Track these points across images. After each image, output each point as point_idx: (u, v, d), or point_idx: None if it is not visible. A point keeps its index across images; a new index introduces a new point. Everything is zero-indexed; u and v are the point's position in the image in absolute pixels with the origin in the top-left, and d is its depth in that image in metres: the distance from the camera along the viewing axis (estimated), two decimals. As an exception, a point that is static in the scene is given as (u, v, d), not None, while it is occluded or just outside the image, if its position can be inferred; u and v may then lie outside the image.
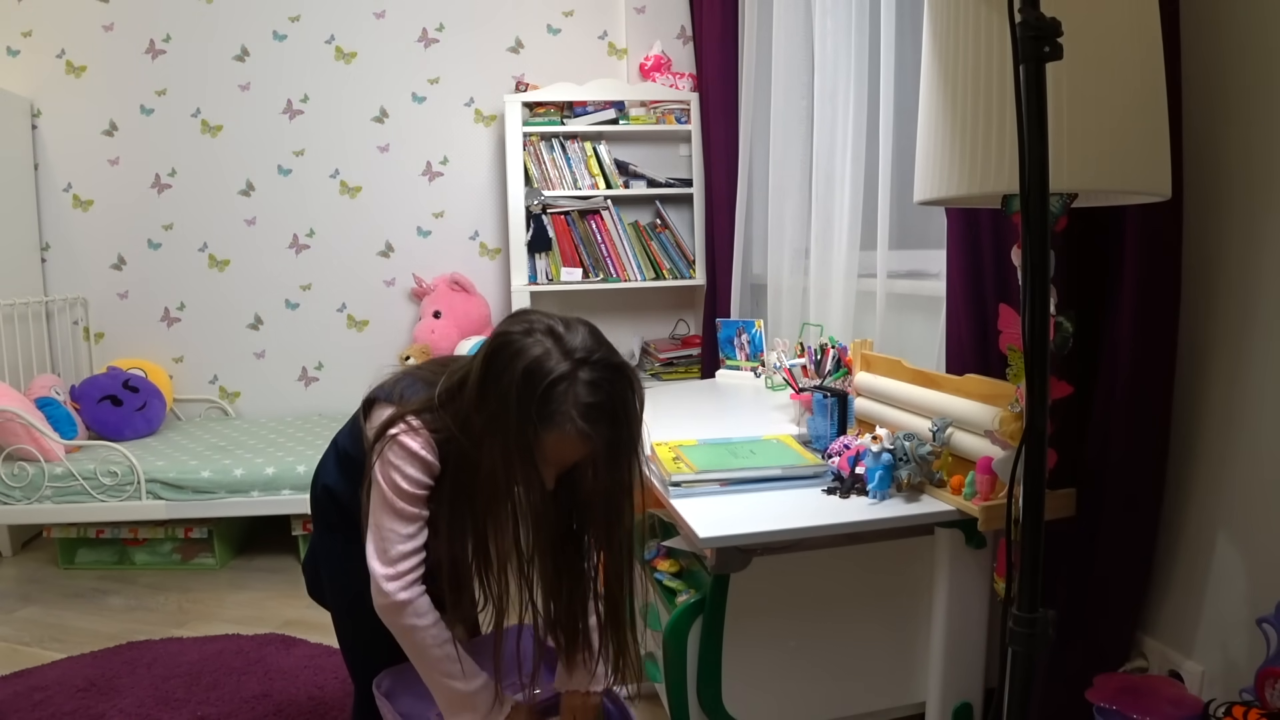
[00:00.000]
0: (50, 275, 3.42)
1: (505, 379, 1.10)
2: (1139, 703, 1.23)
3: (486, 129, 3.57)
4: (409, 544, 1.20)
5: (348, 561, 1.32)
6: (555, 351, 1.11)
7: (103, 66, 3.37)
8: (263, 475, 2.75)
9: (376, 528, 1.20)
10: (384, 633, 1.27)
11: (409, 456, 1.18)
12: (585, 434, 1.11)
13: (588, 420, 1.10)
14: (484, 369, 1.14)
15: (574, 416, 1.09)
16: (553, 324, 1.14)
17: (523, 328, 1.14)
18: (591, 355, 1.12)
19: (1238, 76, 1.32)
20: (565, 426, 1.10)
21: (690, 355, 3.43)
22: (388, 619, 1.22)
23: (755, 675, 1.50)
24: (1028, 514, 0.95)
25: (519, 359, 1.10)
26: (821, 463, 1.62)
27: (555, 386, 1.09)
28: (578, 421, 1.09)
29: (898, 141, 2.12)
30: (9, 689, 2.04)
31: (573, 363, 1.10)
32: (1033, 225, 0.91)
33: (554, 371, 1.09)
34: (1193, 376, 1.41)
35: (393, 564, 1.19)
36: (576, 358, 1.11)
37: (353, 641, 1.47)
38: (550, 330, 1.13)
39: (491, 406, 1.11)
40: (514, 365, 1.10)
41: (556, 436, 1.11)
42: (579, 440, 1.12)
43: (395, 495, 1.19)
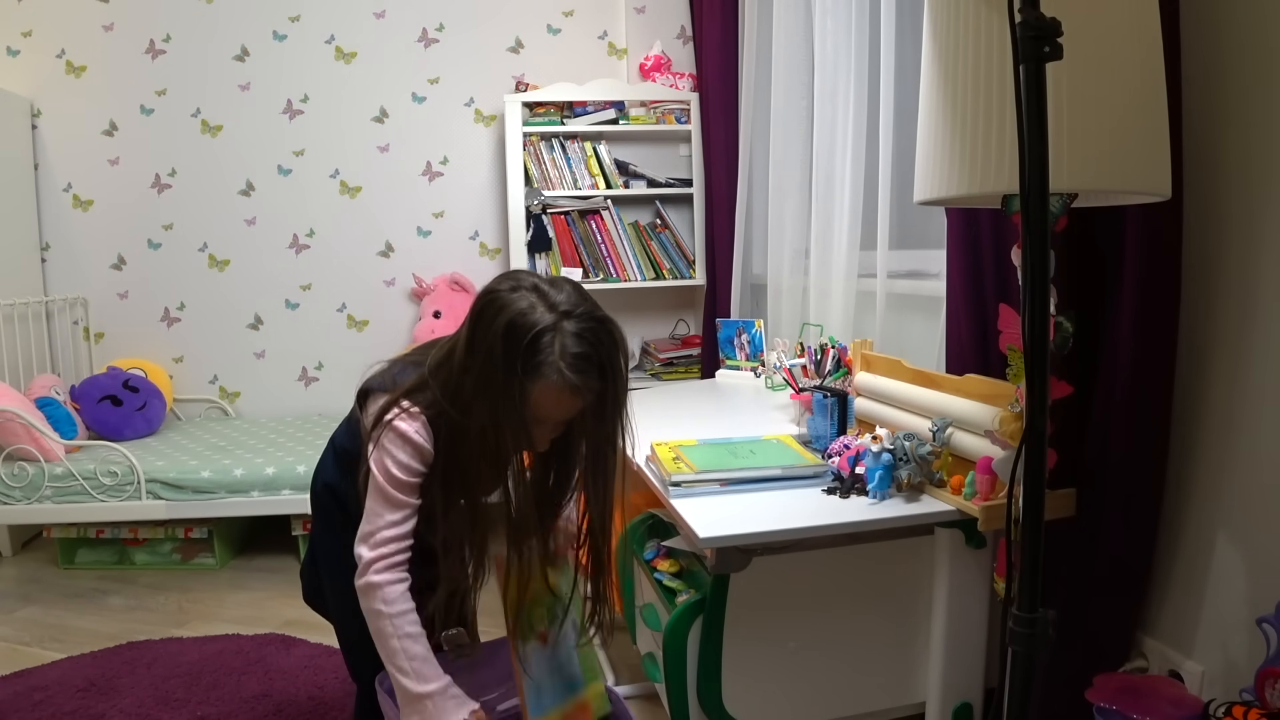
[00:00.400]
0: (50, 275, 3.43)
1: (491, 334, 1.11)
2: (1139, 703, 1.23)
3: (486, 129, 3.57)
4: (395, 530, 1.21)
5: (347, 561, 1.32)
6: (540, 305, 1.12)
7: (103, 66, 3.37)
8: (263, 475, 2.75)
9: (368, 513, 1.22)
10: None
11: (403, 442, 1.19)
12: (574, 385, 1.11)
13: (575, 371, 1.11)
14: (471, 328, 1.15)
15: (561, 367, 1.10)
16: (537, 281, 1.16)
17: (509, 285, 1.16)
18: (576, 309, 1.13)
19: (1238, 76, 1.32)
20: (552, 377, 1.11)
21: (690, 355, 3.43)
22: (361, 600, 1.22)
23: (755, 675, 1.50)
24: (1028, 514, 0.95)
25: (504, 313, 1.11)
26: (821, 463, 1.62)
27: (541, 338, 1.10)
28: (565, 372, 1.10)
29: (898, 141, 2.12)
30: (9, 689, 2.04)
31: (558, 315, 1.12)
32: (1033, 225, 0.91)
33: (539, 323, 1.10)
34: (1193, 376, 1.41)
35: (375, 547, 1.21)
36: (561, 310, 1.12)
37: (355, 644, 1.47)
38: (535, 287, 1.15)
39: (479, 363, 1.13)
40: (499, 319, 1.11)
41: (543, 387, 1.12)
42: (568, 392, 1.12)
43: (387, 482, 1.20)
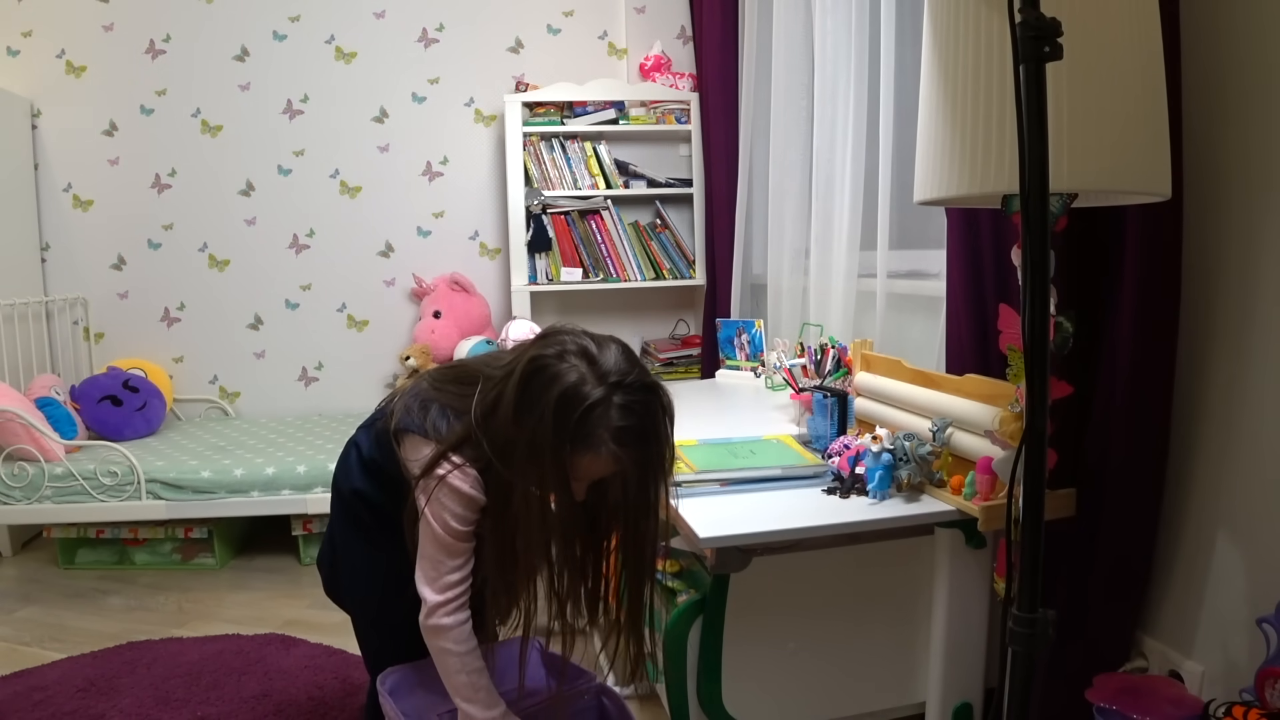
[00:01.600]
0: (50, 275, 3.42)
1: (542, 404, 1.12)
2: (1139, 703, 1.23)
3: (486, 129, 3.57)
4: (458, 574, 1.25)
5: (373, 567, 1.36)
6: (590, 376, 1.13)
7: (103, 66, 3.37)
8: (263, 475, 2.75)
9: (427, 559, 1.25)
10: (403, 638, 1.31)
11: (459, 497, 1.22)
12: (616, 455, 1.14)
13: (619, 443, 1.13)
14: (519, 394, 1.15)
15: (607, 440, 1.12)
16: (586, 344, 1.16)
17: (556, 350, 1.16)
18: (625, 378, 1.14)
19: (1237, 77, 1.32)
20: (600, 449, 1.13)
21: (690, 355, 3.43)
22: (428, 639, 1.27)
23: (755, 675, 1.50)
24: (1028, 514, 0.95)
25: (555, 384, 1.12)
26: (821, 463, 1.62)
27: (592, 411, 1.11)
28: (610, 444, 1.13)
29: (898, 141, 2.12)
30: (9, 689, 2.04)
31: (607, 387, 1.13)
32: (1033, 225, 0.91)
33: (590, 397, 1.12)
34: (1193, 376, 1.41)
35: (443, 591, 1.24)
36: (611, 381, 1.13)
37: (369, 642, 1.49)
38: (584, 352, 1.15)
39: (529, 431, 1.14)
40: (551, 391, 1.12)
41: (590, 458, 1.15)
42: (610, 460, 1.15)
43: (447, 534, 1.23)
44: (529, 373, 1.15)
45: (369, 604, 1.44)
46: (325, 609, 2.57)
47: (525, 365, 1.16)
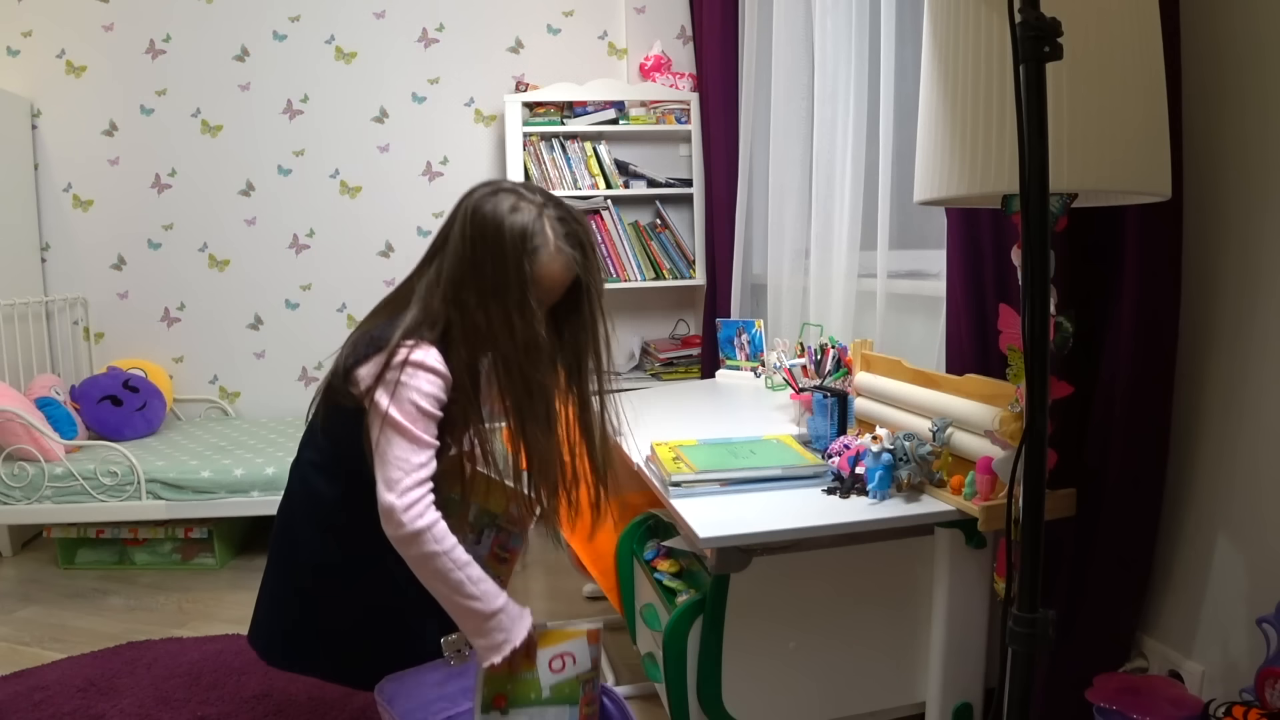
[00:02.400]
0: (50, 275, 3.42)
1: (492, 229, 1.24)
2: (1139, 703, 1.23)
3: (486, 129, 3.57)
4: (423, 472, 1.21)
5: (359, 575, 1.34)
6: (523, 200, 1.27)
7: (103, 66, 3.37)
8: (263, 475, 2.75)
9: (389, 462, 1.20)
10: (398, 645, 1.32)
11: (424, 371, 1.21)
12: (570, 256, 1.27)
13: (570, 244, 1.27)
14: (470, 232, 1.25)
15: (559, 241, 1.26)
16: (505, 183, 1.31)
17: (488, 190, 1.29)
18: (552, 198, 1.31)
19: (1238, 77, 1.32)
20: (553, 249, 1.26)
21: (690, 355, 3.43)
22: (406, 550, 1.21)
23: (755, 675, 1.50)
24: (1028, 514, 0.95)
25: (495, 213, 1.25)
26: (821, 463, 1.62)
27: (540, 218, 1.26)
28: (563, 245, 1.26)
29: (898, 141, 2.12)
30: (9, 689, 2.04)
31: (540, 203, 1.28)
32: (1033, 225, 0.91)
33: (531, 209, 1.27)
34: (1193, 376, 1.41)
35: (406, 493, 1.19)
36: (540, 200, 1.29)
37: (370, 658, 1.40)
38: (510, 189, 1.29)
39: (483, 264, 1.23)
40: (491, 221, 1.24)
41: (547, 260, 1.25)
42: (566, 263, 1.27)
43: (412, 422, 1.20)
44: (471, 210, 1.26)
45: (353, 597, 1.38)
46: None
47: (466, 211, 1.27)
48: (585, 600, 2.56)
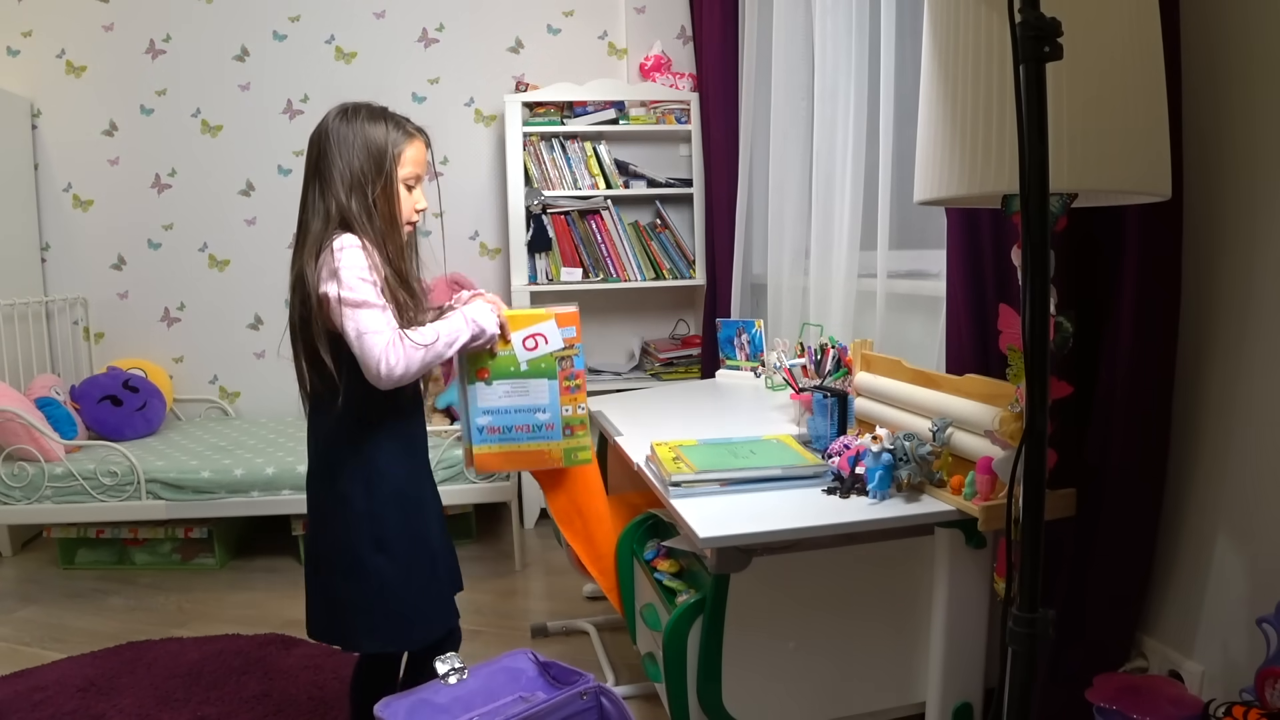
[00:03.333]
0: (50, 275, 3.43)
1: (358, 142, 1.48)
2: (1139, 703, 1.23)
3: (486, 129, 3.57)
4: (386, 332, 1.38)
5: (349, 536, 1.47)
6: (371, 108, 1.53)
7: (103, 66, 3.37)
8: (263, 475, 2.75)
9: (364, 334, 1.36)
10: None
11: (350, 251, 1.39)
12: (425, 140, 1.57)
13: (419, 132, 1.56)
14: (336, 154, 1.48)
15: (413, 130, 1.54)
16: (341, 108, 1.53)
17: (335, 114, 1.52)
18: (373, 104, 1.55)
19: (1238, 76, 1.32)
20: (414, 135, 1.53)
21: (690, 355, 3.43)
22: (404, 369, 1.39)
23: (755, 675, 1.50)
24: (1028, 514, 0.95)
25: (354, 128, 1.49)
26: (821, 463, 1.62)
27: (393, 116, 1.53)
28: (417, 133, 1.54)
29: (898, 141, 2.12)
30: (9, 689, 2.04)
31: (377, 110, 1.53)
32: (1033, 225, 0.91)
33: (384, 110, 1.54)
34: (1193, 376, 1.41)
35: (381, 360, 1.36)
36: (376, 107, 1.54)
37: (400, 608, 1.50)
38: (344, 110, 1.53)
39: (362, 165, 1.47)
40: (357, 133, 1.48)
41: (411, 146, 1.51)
42: (422, 145, 1.55)
43: (364, 294, 1.37)
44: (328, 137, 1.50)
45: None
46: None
47: (324, 138, 1.51)
48: (585, 600, 2.56)
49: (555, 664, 1.45)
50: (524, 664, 1.46)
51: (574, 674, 1.42)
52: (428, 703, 1.36)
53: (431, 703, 1.36)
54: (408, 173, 1.51)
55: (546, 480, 1.84)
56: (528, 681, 1.43)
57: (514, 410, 1.66)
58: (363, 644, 1.52)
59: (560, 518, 1.85)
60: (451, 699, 1.39)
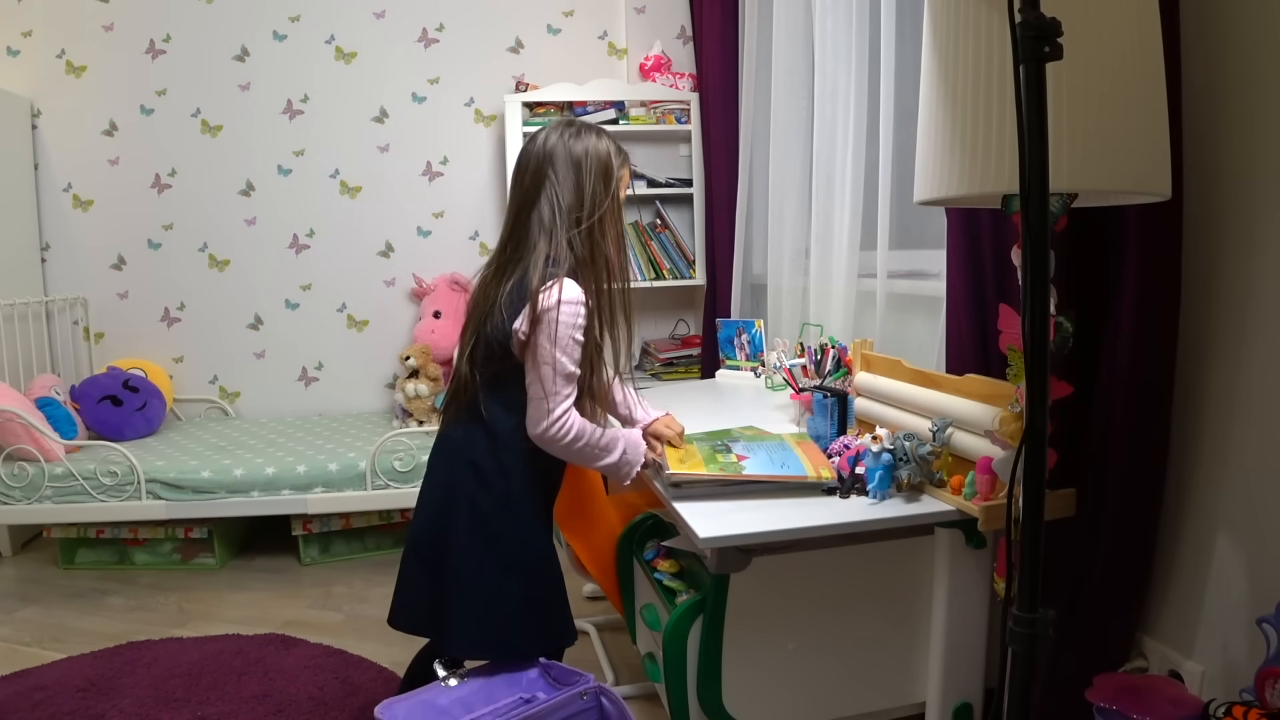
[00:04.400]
0: (50, 275, 3.43)
1: (588, 161, 1.45)
2: (1139, 703, 1.23)
3: (486, 129, 3.57)
4: (570, 398, 1.41)
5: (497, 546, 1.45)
6: (589, 127, 1.49)
7: (103, 66, 3.37)
8: (263, 475, 2.75)
9: (546, 394, 1.38)
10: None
11: (569, 305, 1.36)
12: (628, 159, 1.53)
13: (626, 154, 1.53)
14: (568, 174, 1.45)
15: (625, 157, 1.52)
16: (565, 120, 1.52)
17: (560, 130, 1.48)
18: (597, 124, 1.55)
19: (1238, 76, 1.32)
20: (627, 161, 1.51)
21: (690, 355, 3.43)
22: (554, 446, 1.42)
23: (755, 675, 1.50)
24: (1028, 514, 0.95)
25: (580, 142, 1.46)
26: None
27: (613, 144, 1.50)
28: (627, 158, 1.52)
29: (898, 141, 2.12)
30: (9, 689, 2.04)
31: (600, 132, 1.50)
32: (1033, 225, 0.91)
33: (605, 132, 1.51)
34: (1193, 376, 1.41)
35: (556, 422, 1.39)
36: (599, 126, 1.52)
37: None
38: (573, 123, 1.50)
39: (591, 184, 1.44)
40: (586, 150, 1.45)
41: (627, 170, 1.52)
42: (628, 167, 1.53)
43: (567, 356, 1.38)
44: (559, 149, 1.45)
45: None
46: (325, 609, 2.58)
47: (551, 152, 1.46)
48: (585, 600, 2.56)
49: (555, 664, 1.45)
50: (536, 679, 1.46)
51: (574, 674, 1.42)
52: (429, 705, 1.36)
53: (433, 705, 1.37)
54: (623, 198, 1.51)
55: None
56: (528, 683, 1.44)
57: None
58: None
59: (560, 518, 1.85)
60: (452, 701, 1.39)
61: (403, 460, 2.80)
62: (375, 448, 2.80)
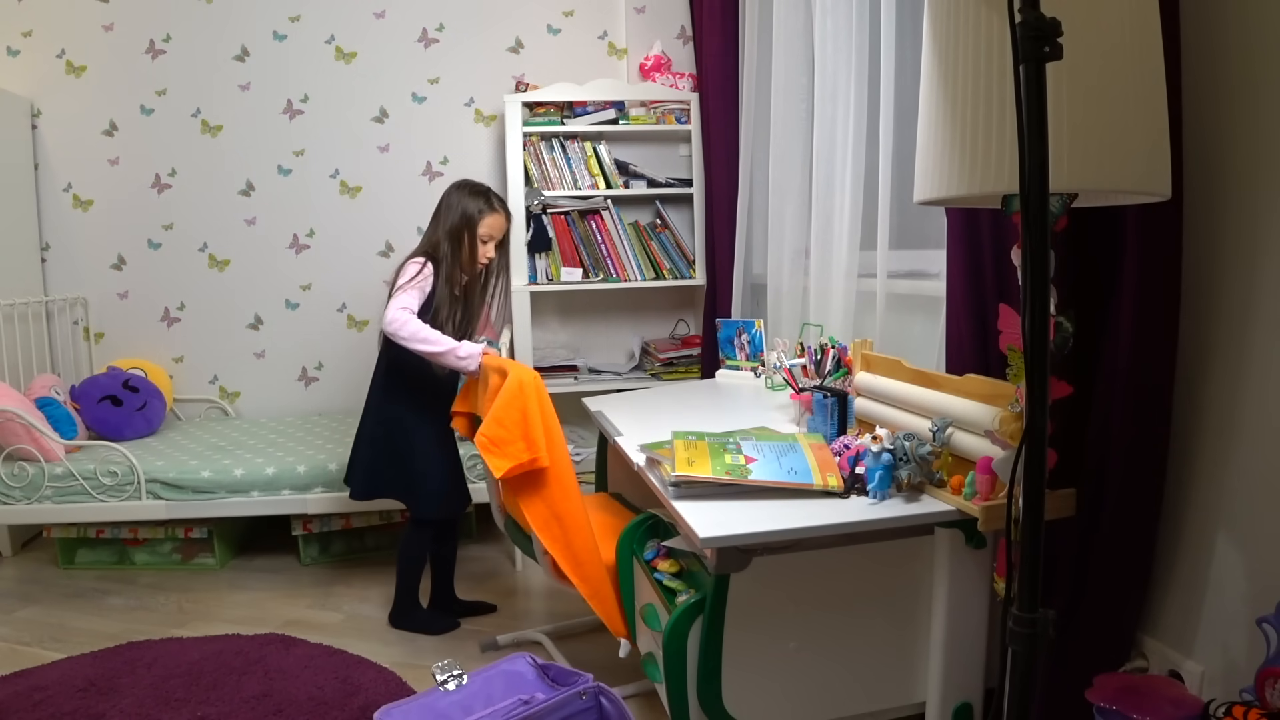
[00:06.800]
0: (50, 275, 3.43)
1: (459, 202, 2.40)
2: (1139, 703, 1.23)
3: (486, 129, 3.57)
4: (408, 308, 2.26)
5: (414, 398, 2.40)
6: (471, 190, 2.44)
7: (103, 66, 3.37)
8: (263, 475, 2.75)
9: (389, 308, 2.26)
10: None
11: (410, 263, 2.34)
12: (507, 214, 2.46)
13: (503, 206, 2.45)
14: (446, 209, 2.42)
15: (498, 205, 2.44)
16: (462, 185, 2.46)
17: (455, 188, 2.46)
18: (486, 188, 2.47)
19: (1238, 76, 1.32)
20: (498, 209, 2.43)
21: (690, 355, 3.43)
22: (400, 333, 2.22)
23: (755, 675, 1.50)
24: (1028, 514, 0.95)
25: (462, 194, 2.42)
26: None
27: (487, 192, 2.44)
28: (501, 207, 2.44)
29: (898, 141, 2.12)
30: (9, 689, 2.04)
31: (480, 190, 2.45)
32: (1033, 225, 0.91)
33: (480, 188, 2.45)
34: (1193, 376, 1.41)
35: (393, 320, 2.23)
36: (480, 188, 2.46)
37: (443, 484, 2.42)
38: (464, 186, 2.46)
39: (457, 219, 2.39)
40: (461, 196, 2.42)
41: (493, 218, 2.41)
42: (503, 218, 2.44)
43: (403, 289, 2.28)
44: (447, 200, 2.43)
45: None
46: (325, 609, 2.57)
47: (445, 199, 2.44)
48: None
49: (554, 665, 1.46)
50: (522, 667, 1.47)
51: (573, 675, 1.42)
52: (428, 708, 1.36)
53: (432, 708, 1.37)
54: (483, 233, 2.39)
55: (522, 488, 1.84)
56: (527, 685, 1.44)
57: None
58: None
59: (538, 525, 1.85)
60: (450, 704, 1.39)
61: (403, 460, 2.80)
62: (375, 448, 2.80)
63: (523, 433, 1.82)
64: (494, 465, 1.80)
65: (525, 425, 1.83)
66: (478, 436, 1.83)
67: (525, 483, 1.85)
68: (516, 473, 1.83)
